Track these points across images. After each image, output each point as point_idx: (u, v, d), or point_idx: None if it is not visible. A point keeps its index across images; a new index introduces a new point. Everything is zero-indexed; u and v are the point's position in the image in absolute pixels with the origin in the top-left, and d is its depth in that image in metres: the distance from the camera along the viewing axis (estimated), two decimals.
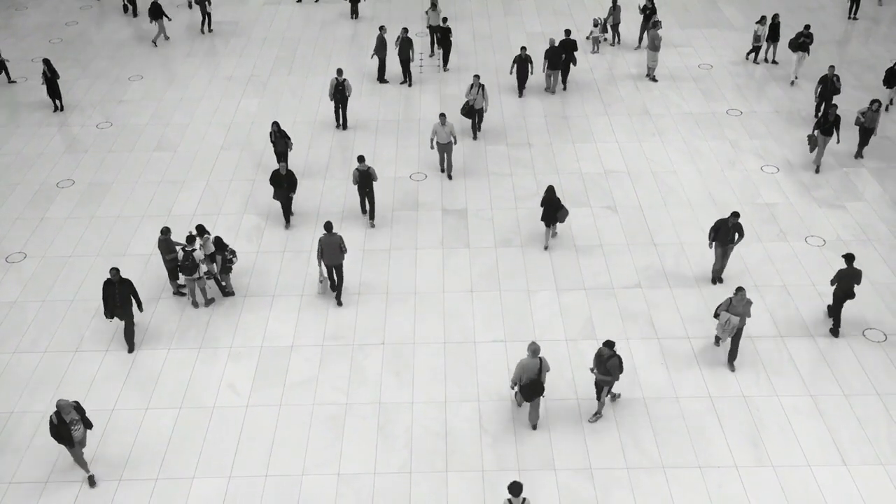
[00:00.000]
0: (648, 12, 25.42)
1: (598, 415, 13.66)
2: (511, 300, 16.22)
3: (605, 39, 26.44)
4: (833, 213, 18.57)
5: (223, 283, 16.26)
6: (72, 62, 25.65)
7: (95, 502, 12.52)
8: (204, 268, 15.69)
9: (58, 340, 15.49)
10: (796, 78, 23.73)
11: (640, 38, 26.14)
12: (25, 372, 14.84)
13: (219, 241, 15.99)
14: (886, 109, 22.18)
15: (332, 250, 15.78)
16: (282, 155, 19.50)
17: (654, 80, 24.14)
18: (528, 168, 20.25)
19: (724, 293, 16.36)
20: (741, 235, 15.88)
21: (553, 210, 17.15)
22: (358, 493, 12.64)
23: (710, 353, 15.04)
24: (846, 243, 17.59)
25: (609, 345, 12.88)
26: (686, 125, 21.99)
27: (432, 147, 19.38)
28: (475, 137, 21.35)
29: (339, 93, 21.46)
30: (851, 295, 14.99)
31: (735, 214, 15.58)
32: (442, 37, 24.60)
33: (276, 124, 19.27)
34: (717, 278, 16.52)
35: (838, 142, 19.82)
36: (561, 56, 23.24)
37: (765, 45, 25.72)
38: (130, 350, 15.18)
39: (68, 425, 12.13)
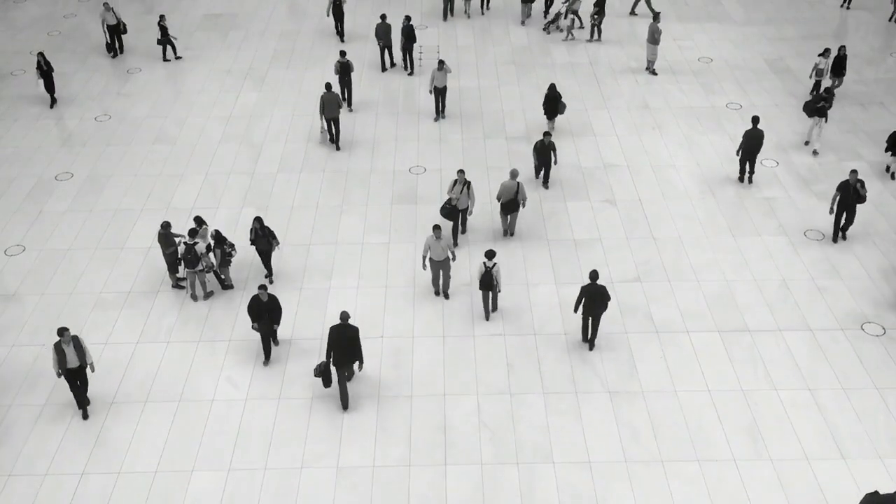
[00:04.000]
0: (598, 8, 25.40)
1: None
2: (510, 294, 16.21)
3: (580, 27, 26.43)
4: None
5: (222, 277, 16.26)
6: (70, 55, 25.59)
7: (94, 496, 12.55)
8: (205, 261, 15.68)
9: (56, 334, 15.44)
10: (810, 142, 20.59)
11: (592, 32, 25.74)
12: (24, 365, 14.84)
13: (218, 235, 15.97)
14: (892, 175, 19.51)
15: (330, 105, 20.02)
16: (265, 255, 16.09)
17: (653, 73, 24.11)
18: (528, 162, 20.21)
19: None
20: None
21: (554, 103, 20.46)
22: (357, 486, 12.65)
23: (709, 347, 15.05)
24: (845, 239, 17.59)
25: None
26: (686, 119, 21.96)
27: (424, 267, 15.79)
28: (455, 244, 17.43)
29: (337, 8, 25.22)
30: (756, 152, 18.37)
31: None
32: None
33: (258, 220, 15.71)
34: None
35: None
36: None
37: (828, 79, 23.18)
38: None
39: None
